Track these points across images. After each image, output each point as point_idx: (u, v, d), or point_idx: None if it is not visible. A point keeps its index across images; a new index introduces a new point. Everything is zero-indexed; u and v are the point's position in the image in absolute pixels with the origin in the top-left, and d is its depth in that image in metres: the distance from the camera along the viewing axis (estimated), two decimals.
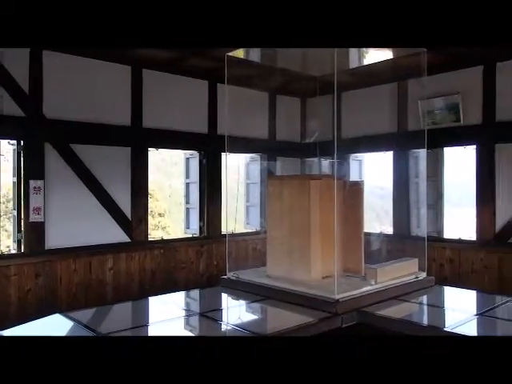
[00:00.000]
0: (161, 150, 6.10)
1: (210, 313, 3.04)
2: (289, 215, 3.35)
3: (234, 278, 3.53)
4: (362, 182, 3.48)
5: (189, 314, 3.13)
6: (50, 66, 4.61)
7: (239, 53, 4.22)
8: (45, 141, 4.63)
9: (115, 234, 5.08)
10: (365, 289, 3.09)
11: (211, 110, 5.90)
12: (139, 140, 5.28)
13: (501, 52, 4.88)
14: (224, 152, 5.63)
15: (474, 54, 4.95)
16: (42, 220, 4.56)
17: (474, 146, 5.37)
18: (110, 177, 5.05)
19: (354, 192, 3.41)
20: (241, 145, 5.86)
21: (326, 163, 6.49)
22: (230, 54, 3.79)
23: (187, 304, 3.53)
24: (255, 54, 4.68)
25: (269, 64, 5.02)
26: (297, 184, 3.34)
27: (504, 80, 5.06)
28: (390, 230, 6.24)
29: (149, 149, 5.40)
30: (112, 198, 5.05)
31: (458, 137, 5.47)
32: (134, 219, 5.23)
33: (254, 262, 5.65)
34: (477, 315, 2.93)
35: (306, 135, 6.88)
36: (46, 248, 4.60)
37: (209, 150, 5.89)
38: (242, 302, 3.31)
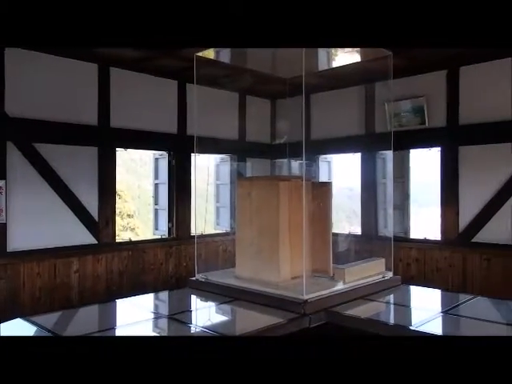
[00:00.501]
0: (130, 150, 6.01)
1: (178, 315, 3.00)
2: (258, 216, 3.35)
3: (202, 279, 3.51)
4: (330, 183, 3.51)
5: (156, 316, 3.09)
6: (12, 63, 4.47)
7: (209, 53, 4.20)
8: (7, 140, 4.48)
9: (81, 236, 4.96)
10: (333, 289, 3.12)
11: (181, 110, 5.85)
12: (106, 140, 5.18)
13: (464, 56, 5.02)
14: (193, 152, 5.60)
15: (438, 58, 5.08)
16: (4, 221, 4.41)
17: (439, 148, 5.52)
18: (76, 177, 4.94)
19: (322, 193, 3.44)
20: (210, 145, 5.84)
21: (295, 164, 6.53)
22: (200, 54, 3.76)
23: (155, 306, 3.48)
24: (225, 55, 4.66)
25: (238, 65, 5.02)
26: (266, 185, 3.34)
27: (467, 84, 5.22)
28: (358, 231, 6.34)
29: (117, 149, 5.31)
30: (78, 199, 4.94)
31: (423, 139, 5.61)
32: (101, 220, 5.13)
33: (224, 264, 5.64)
34: (441, 313, 3.00)
35: (276, 136, 6.91)
36: (8, 250, 4.46)
37: (178, 150, 5.84)
38: (211, 304, 3.29)
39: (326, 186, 3.48)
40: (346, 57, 4.57)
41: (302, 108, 3.18)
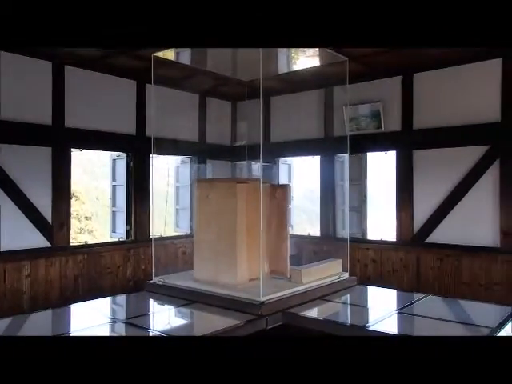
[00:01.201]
0: (88, 151, 5.87)
1: (134, 319, 2.94)
2: (216, 218, 3.34)
3: (159, 282, 3.46)
4: (288, 185, 3.55)
5: (111, 320, 3.02)
6: None
7: (167, 53, 4.16)
8: None
9: (33, 239, 4.79)
10: (290, 290, 3.15)
11: (139, 110, 5.75)
12: (61, 140, 5.03)
13: (418, 63, 5.19)
14: (156, 154, 5.54)
15: (394, 64, 5.23)
16: None
17: (395, 152, 5.67)
18: (28, 178, 4.76)
19: (279, 195, 3.46)
20: (170, 147, 5.78)
21: (255, 166, 6.56)
22: (157, 54, 3.72)
23: (110, 310, 3.40)
24: (185, 56, 4.64)
25: (198, 67, 5.00)
26: (223, 187, 3.34)
27: (420, 90, 5.40)
28: (318, 232, 6.43)
29: (72, 149, 5.16)
30: (30, 201, 4.77)
31: (379, 143, 5.75)
32: (56, 223, 4.97)
33: (183, 266, 5.59)
34: (395, 312, 3.08)
35: (236, 138, 6.92)
36: None
37: (137, 151, 5.74)
38: (168, 307, 3.25)
39: (284, 188, 3.51)
40: (304, 61, 4.64)
41: (260, 111, 3.19)
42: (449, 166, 5.20)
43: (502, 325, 2.58)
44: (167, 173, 6.73)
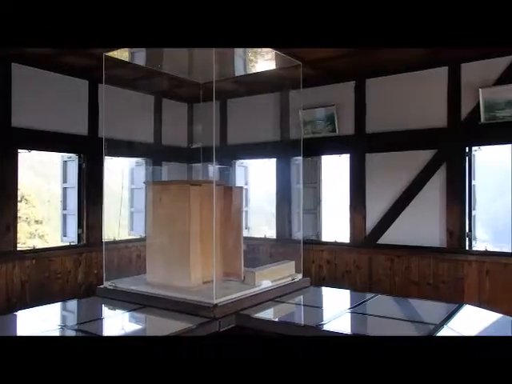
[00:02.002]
0: (39, 152, 5.65)
1: (84, 325, 2.87)
2: (169, 221, 3.31)
3: (111, 287, 3.38)
4: (241, 187, 3.56)
5: (60, 327, 2.92)
6: None
7: (120, 53, 4.08)
8: None
9: None
10: (243, 292, 3.16)
11: (92, 111, 5.60)
12: (7, 140, 4.82)
13: (370, 69, 5.34)
14: (108, 156, 5.41)
15: (347, 69, 5.35)
16: None
17: (348, 155, 5.80)
18: None
19: (233, 197, 3.47)
20: (124, 148, 5.66)
21: (211, 169, 6.53)
22: (109, 53, 3.64)
23: (59, 317, 3.29)
24: (139, 57, 4.57)
25: (153, 68, 4.93)
26: (177, 189, 3.31)
27: (372, 95, 5.55)
28: (275, 234, 6.48)
29: (19, 150, 4.96)
30: None
31: (334, 146, 5.87)
32: (1, 227, 4.76)
33: (138, 270, 5.47)
34: (346, 312, 3.15)
35: (192, 140, 6.87)
36: None
37: (89, 153, 5.58)
38: (119, 312, 3.18)
39: (238, 191, 3.52)
40: (260, 64, 4.68)
41: (213, 112, 3.19)
42: (399, 169, 5.36)
43: (446, 321, 2.69)
44: (122, 175, 6.59)
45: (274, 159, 6.39)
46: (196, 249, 3.26)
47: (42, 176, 15.24)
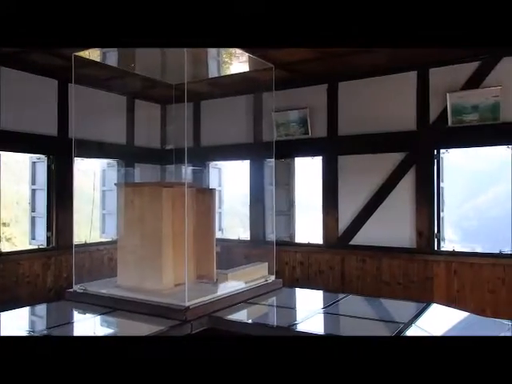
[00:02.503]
0: (7, 153, 5.50)
1: (53, 330, 2.80)
2: (140, 223, 3.28)
3: (80, 290, 3.32)
4: (214, 189, 3.55)
5: (27, 332, 2.85)
6: None
7: (91, 53, 4.02)
8: None
9: None
10: (216, 294, 3.15)
11: (61, 111, 5.50)
12: None
13: (342, 72, 5.41)
14: (76, 157, 5.32)
15: (319, 72, 5.42)
16: None
17: (321, 157, 5.86)
18: None
19: (206, 199, 3.46)
20: (95, 149, 5.58)
21: (184, 170, 6.50)
22: (79, 53, 3.58)
23: (27, 321, 3.21)
24: (111, 57, 4.51)
25: (125, 68, 4.88)
26: (148, 191, 3.28)
27: (345, 98, 5.63)
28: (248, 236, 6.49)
29: None
30: None
31: (307, 148, 5.92)
32: None
33: (110, 273, 5.39)
34: (317, 312, 3.18)
35: (165, 142, 6.82)
36: None
37: (58, 154, 5.48)
38: (89, 316, 3.13)
39: (210, 193, 3.51)
40: (233, 66, 4.69)
41: (185, 114, 3.18)
42: (371, 172, 5.46)
43: (414, 320, 2.75)
44: (93, 176, 6.49)
45: (248, 161, 6.40)
46: (168, 251, 3.24)
47: (10, 177, 14.83)
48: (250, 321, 3.17)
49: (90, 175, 6.60)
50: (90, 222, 6.17)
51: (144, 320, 2.92)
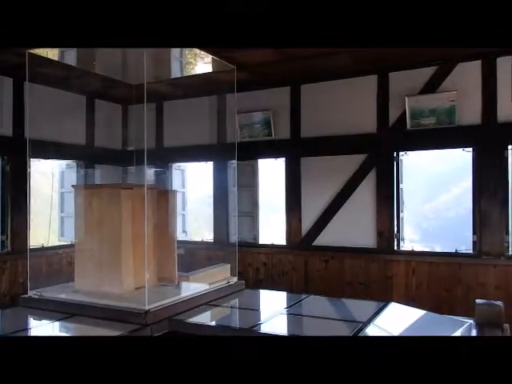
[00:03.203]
0: None
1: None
2: (99, 226, 3.20)
3: (36, 296, 3.21)
4: (175, 191, 3.51)
5: None
6: None
7: (48, 51, 3.90)
8: None
9: None
10: (177, 297, 3.11)
11: (17, 110, 5.31)
12: None
13: (305, 75, 5.47)
14: (32, 158, 5.16)
15: (282, 75, 5.45)
16: None
17: (284, 159, 5.90)
18: None
19: (166, 201, 3.42)
20: (53, 150, 5.42)
21: (148, 172, 6.41)
22: (34, 51, 3.46)
23: None
24: (69, 56, 4.39)
25: (84, 68, 4.76)
26: (107, 193, 3.21)
27: (307, 101, 5.69)
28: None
29: None
30: None
31: (270, 150, 5.95)
32: None
33: (68, 278, 5.24)
34: (279, 313, 3.19)
35: (127, 142, 6.70)
36: None
37: (14, 155, 5.28)
38: (45, 322, 3.02)
39: (172, 194, 3.47)
40: (195, 67, 4.65)
41: (144, 114, 3.13)
42: (333, 173, 5.54)
43: (372, 319, 2.80)
44: (52, 178, 6.29)
45: (211, 162, 6.37)
46: (128, 254, 3.18)
47: None
48: (211, 323, 3.15)
49: (49, 177, 6.41)
50: (49, 225, 5.99)
51: (103, 325, 2.85)
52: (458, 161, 6.00)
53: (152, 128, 6.50)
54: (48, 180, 6.49)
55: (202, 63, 4.34)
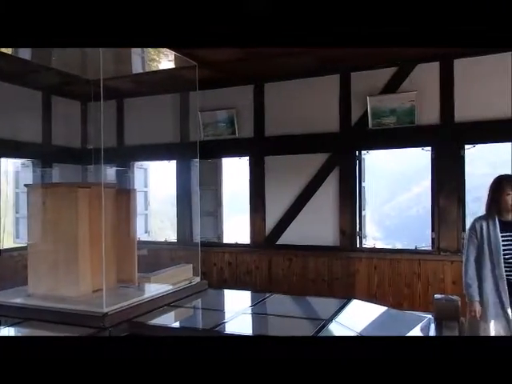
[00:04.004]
0: None
1: None
2: (54, 227, 3.07)
3: None
4: (134, 190, 3.43)
5: None
6: None
7: None
8: None
9: None
10: (137, 299, 3.03)
11: None
12: None
13: (268, 73, 5.46)
14: None
15: (246, 73, 5.43)
16: None
17: (248, 157, 5.87)
18: None
19: (126, 200, 3.32)
20: (6, 148, 5.20)
21: (109, 171, 6.26)
22: None
23: None
24: (24, 50, 4.21)
25: (40, 62, 4.59)
26: (63, 192, 3.09)
27: (271, 99, 5.68)
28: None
29: None
30: None
31: (234, 149, 5.91)
32: None
33: (24, 281, 5.04)
34: (242, 313, 3.15)
35: (86, 141, 6.51)
36: None
37: None
38: None
39: (131, 193, 3.38)
40: (157, 63, 4.56)
41: (101, 111, 3.04)
42: (296, 172, 5.55)
43: (335, 316, 2.81)
44: (6, 178, 6.03)
45: (174, 161, 6.28)
46: (85, 255, 3.07)
47: None
48: (173, 324, 3.09)
49: (3, 176, 6.14)
50: (2, 227, 5.73)
51: (59, 329, 2.74)
52: (419, 160, 6.14)
53: (113, 126, 6.34)
54: (2, 180, 6.23)
55: (164, 60, 4.26)
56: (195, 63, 3.67)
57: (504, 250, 3.27)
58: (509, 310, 3.24)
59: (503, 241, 3.28)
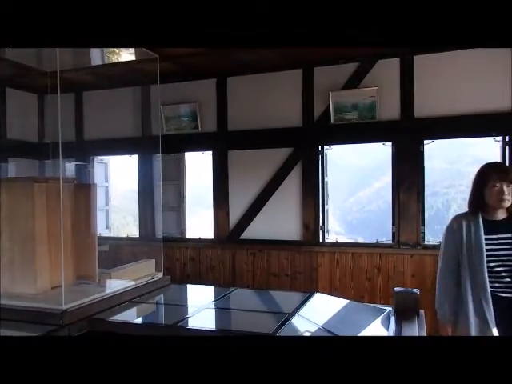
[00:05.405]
0: None
1: None
2: (9, 223, 2.96)
3: None
4: (93, 184, 3.34)
5: None
6: None
7: None
8: None
9: None
10: (97, 295, 2.96)
11: None
12: None
13: (230, 67, 5.43)
14: None
15: (207, 67, 5.38)
16: None
17: (211, 152, 5.84)
18: None
19: (85, 195, 3.24)
20: None
21: (69, 166, 6.09)
22: None
23: None
24: None
25: None
26: (18, 187, 2.97)
27: (234, 94, 5.66)
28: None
29: None
30: None
31: (197, 143, 5.86)
32: None
33: None
34: (204, 307, 3.14)
35: (43, 135, 6.30)
36: None
37: None
38: None
39: (89, 188, 3.30)
40: (117, 55, 4.46)
41: (58, 104, 2.94)
42: (260, 167, 5.56)
43: (298, 309, 2.84)
44: None
45: (136, 156, 6.17)
46: (42, 251, 2.97)
47: None
48: (135, 320, 3.04)
49: None
50: None
51: (16, 327, 2.65)
52: (380, 155, 6.28)
53: (71, 119, 6.16)
54: None
55: (124, 52, 4.17)
56: (156, 56, 3.61)
57: (488, 255, 2.62)
58: (494, 330, 2.59)
59: (488, 244, 2.62)
